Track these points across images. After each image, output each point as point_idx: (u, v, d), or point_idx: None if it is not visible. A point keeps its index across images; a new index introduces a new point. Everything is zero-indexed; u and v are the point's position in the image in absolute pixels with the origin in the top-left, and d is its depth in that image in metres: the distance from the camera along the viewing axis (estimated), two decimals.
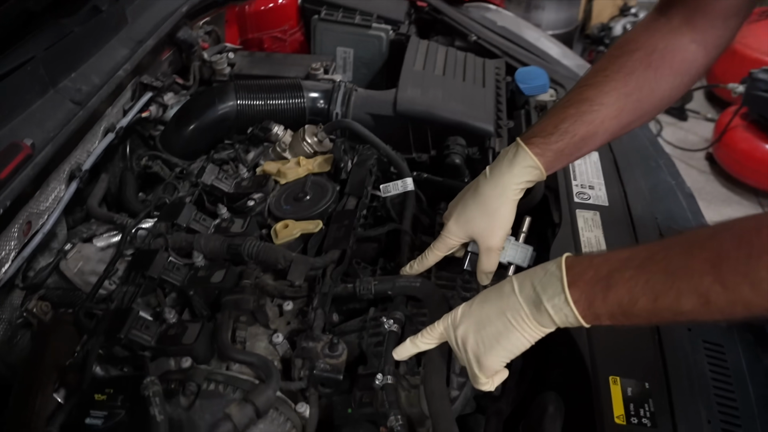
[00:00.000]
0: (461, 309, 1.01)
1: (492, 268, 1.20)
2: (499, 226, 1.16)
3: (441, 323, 1.03)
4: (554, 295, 0.88)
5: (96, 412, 1.03)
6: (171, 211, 1.36)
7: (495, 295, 0.97)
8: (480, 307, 0.98)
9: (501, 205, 1.15)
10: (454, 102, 1.71)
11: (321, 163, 1.51)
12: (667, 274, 0.79)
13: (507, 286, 0.96)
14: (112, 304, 1.19)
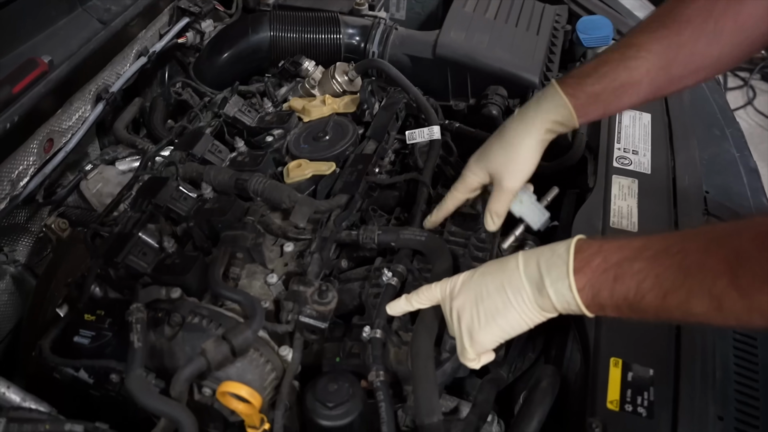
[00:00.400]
0: (462, 278, 0.95)
1: (500, 210, 1.13)
2: (517, 164, 1.08)
3: (439, 287, 0.98)
4: (558, 279, 0.82)
5: (85, 332, 1.05)
6: (188, 141, 1.35)
7: (498, 268, 0.91)
8: (481, 279, 0.92)
9: (522, 140, 1.07)
10: (500, 49, 1.59)
11: (347, 103, 1.45)
12: (680, 271, 0.72)
13: (512, 261, 0.89)
14: (116, 228, 1.19)
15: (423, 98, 1.44)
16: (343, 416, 0.98)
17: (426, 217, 1.23)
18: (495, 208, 1.13)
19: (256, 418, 0.98)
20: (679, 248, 0.73)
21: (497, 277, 0.90)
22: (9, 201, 1.21)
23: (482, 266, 0.95)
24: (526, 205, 1.17)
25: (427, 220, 1.22)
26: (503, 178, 1.10)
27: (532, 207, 1.17)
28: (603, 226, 1.21)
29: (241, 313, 1.08)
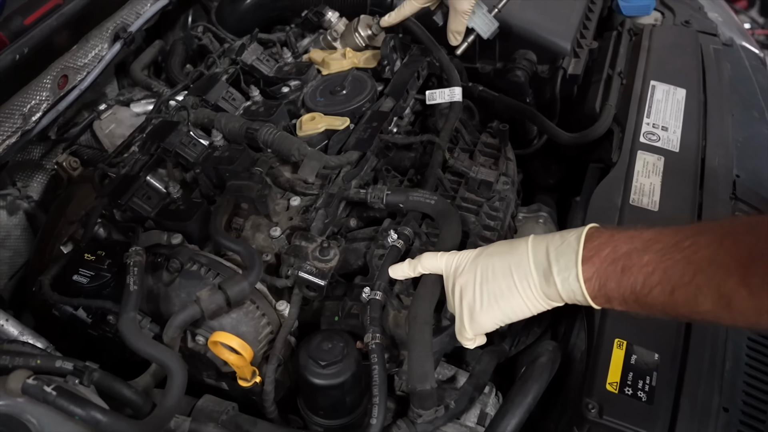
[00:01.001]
0: (469, 255, 0.92)
1: (458, 28, 1.35)
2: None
3: (445, 258, 0.96)
4: (566, 268, 0.79)
5: (84, 271, 1.04)
6: (202, 86, 1.32)
7: (507, 250, 0.88)
8: (488, 259, 0.89)
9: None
10: (533, 10, 1.51)
11: (368, 58, 1.40)
12: (689, 265, 0.68)
13: (521, 245, 0.87)
14: (123, 170, 1.18)
15: (447, 58, 1.38)
16: (334, 375, 0.97)
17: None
18: (453, 27, 1.35)
19: (248, 370, 0.97)
20: (690, 242, 0.69)
21: (505, 259, 0.87)
22: (21, 135, 1.20)
23: (491, 246, 0.92)
24: (478, 17, 1.39)
25: (382, 20, 1.41)
26: (457, 1, 1.29)
27: (483, 18, 1.40)
28: (622, 202, 1.16)
29: (241, 264, 1.06)
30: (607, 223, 1.12)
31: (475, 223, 1.18)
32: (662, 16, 1.70)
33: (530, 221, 1.27)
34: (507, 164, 1.30)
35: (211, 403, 1.01)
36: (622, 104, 1.39)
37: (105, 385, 0.91)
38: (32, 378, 0.77)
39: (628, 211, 1.14)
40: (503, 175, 1.26)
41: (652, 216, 1.13)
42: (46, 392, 0.76)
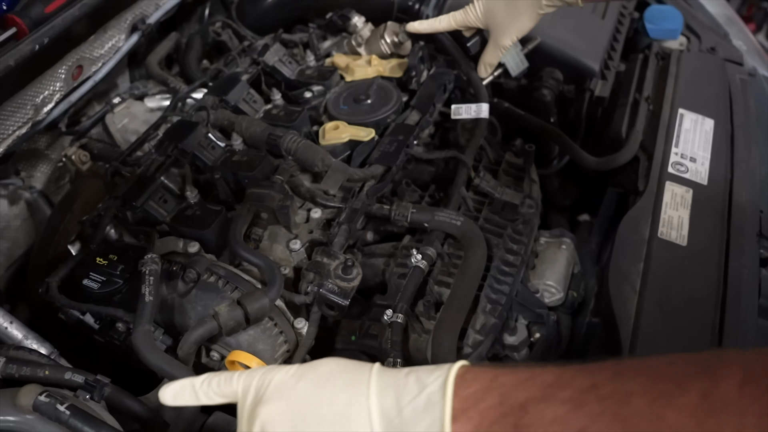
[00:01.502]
0: (280, 377, 0.63)
1: (492, 61, 1.31)
2: (515, 28, 1.23)
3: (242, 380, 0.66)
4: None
5: (95, 275, 0.99)
6: (222, 86, 1.27)
7: (342, 384, 0.61)
8: (316, 392, 0.61)
9: (527, 10, 1.20)
10: (562, 28, 1.48)
11: (394, 67, 1.36)
12: (619, 424, 0.49)
13: (363, 386, 0.60)
14: (138, 170, 1.13)
15: (474, 72, 1.35)
16: None
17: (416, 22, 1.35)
18: (488, 59, 1.31)
19: None
20: (613, 389, 0.50)
21: (336, 400, 0.60)
22: (30, 126, 1.15)
23: (316, 367, 0.64)
24: (510, 53, 1.38)
25: (409, 25, 1.36)
26: (500, 36, 1.25)
27: (516, 57, 1.40)
28: (650, 235, 1.13)
29: (258, 277, 1.02)
30: (635, 256, 1.11)
31: (498, 246, 1.15)
32: (688, 41, 1.68)
33: (553, 246, 1.24)
34: (531, 186, 1.27)
35: (222, 421, 0.96)
36: (648, 131, 1.37)
37: (116, 400, 0.87)
38: (45, 395, 0.73)
39: (656, 245, 1.11)
40: (528, 198, 1.22)
41: (680, 251, 1.11)
42: (59, 411, 0.72)
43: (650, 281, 1.06)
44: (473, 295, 1.03)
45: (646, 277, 1.06)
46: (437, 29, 1.32)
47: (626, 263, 1.10)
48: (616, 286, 1.06)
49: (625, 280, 1.07)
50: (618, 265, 1.10)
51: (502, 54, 1.29)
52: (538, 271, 1.21)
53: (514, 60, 1.40)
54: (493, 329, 1.05)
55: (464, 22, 1.28)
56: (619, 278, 1.08)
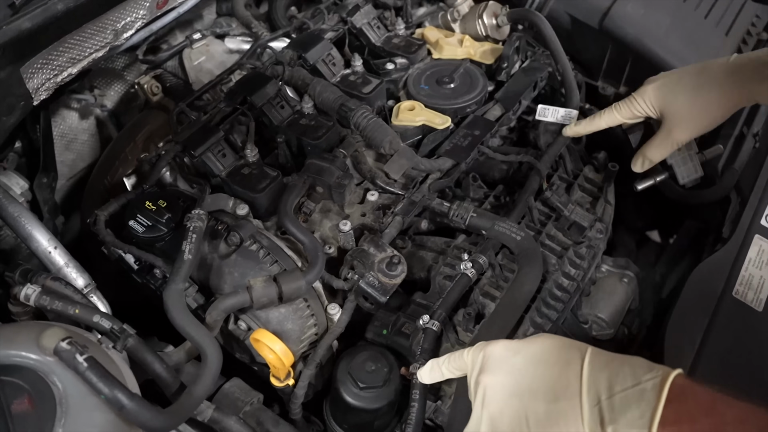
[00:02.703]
0: (501, 349, 0.73)
1: (656, 158, 1.05)
2: (699, 118, 0.95)
3: (470, 354, 0.77)
4: (632, 426, 0.60)
5: (141, 218, 0.99)
6: (304, 42, 1.22)
7: (554, 359, 0.69)
8: (528, 366, 0.70)
9: (720, 98, 0.92)
10: (678, 39, 1.35)
11: (486, 51, 1.27)
12: None
13: (575, 363, 0.67)
14: (204, 116, 1.11)
15: (571, 73, 1.25)
16: (371, 400, 0.91)
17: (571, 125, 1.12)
18: (651, 154, 1.03)
19: (283, 371, 0.91)
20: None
21: (550, 375, 0.68)
22: (108, 50, 1.13)
23: (533, 343, 0.72)
24: (683, 155, 1.11)
25: (567, 129, 1.12)
26: (676, 126, 0.97)
27: (687, 159, 1.12)
28: (724, 290, 1.04)
29: (302, 253, 0.99)
30: (702, 309, 1.02)
31: (555, 267, 1.08)
32: None
33: (614, 277, 1.16)
34: (605, 208, 1.18)
35: (238, 389, 0.96)
36: (748, 172, 1.24)
37: (138, 353, 0.86)
38: (67, 342, 0.72)
39: (727, 303, 1.02)
40: (598, 221, 1.14)
41: (754, 316, 1.01)
42: (77, 361, 0.71)
43: (711, 340, 0.98)
44: (518, 316, 0.97)
45: (708, 336, 0.98)
46: (600, 127, 1.08)
47: (691, 315, 1.02)
48: (673, 338, 0.99)
49: (686, 333, 0.99)
50: (681, 314, 1.02)
51: (667, 150, 1.03)
52: (592, 299, 1.14)
53: (686, 164, 1.14)
54: None
55: (633, 114, 1.03)
56: (678, 329, 1.00)
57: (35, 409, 0.72)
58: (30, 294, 0.87)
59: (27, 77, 1.01)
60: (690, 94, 0.94)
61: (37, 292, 0.87)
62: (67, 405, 0.73)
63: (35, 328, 0.77)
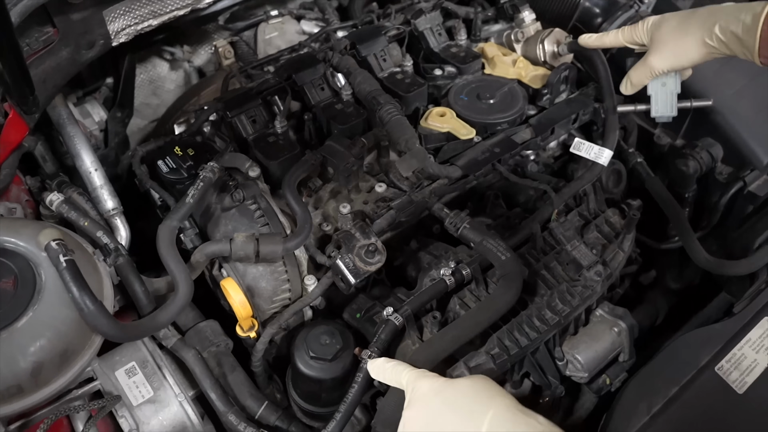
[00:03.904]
0: (425, 388, 0.79)
1: (638, 81, 1.13)
2: (674, 54, 1.06)
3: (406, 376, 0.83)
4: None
5: (169, 161, 1.10)
6: (362, 35, 1.29)
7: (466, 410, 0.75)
8: (443, 411, 0.76)
9: (695, 34, 1.01)
10: (748, 105, 1.29)
11: (537, 76, 1.28)
12: None
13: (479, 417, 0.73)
14: (250, 84, 1.21)
15: (615, 115, 1.23)
16: (317, 370, 0.97)
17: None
18: (634, 77, 1.13)
19: (246, 322, 0.99)
20: None
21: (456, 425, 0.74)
22: (189, 11, 1.25)
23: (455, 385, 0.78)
24: (664, 91, 1.16)
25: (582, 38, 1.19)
26: (654, 53, 1.08)
27: (666, 95, 1.16)
28: (706, 364, 0.99)
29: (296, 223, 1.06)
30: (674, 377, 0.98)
31: (542, 296, 1.08)
32: None
33: (604, 324, 1.13)
34: (615, 255, 1.15)
35: (211, 330, 1.05)
36: None
37: (123, 273, 0.97)
38: (57, 242, 0.84)
39: (706, 377, 0.97)
40: (602, 264, 1.12)
41: (730, 397, 0.96)
42: (59, 260, 0.83)
43: (672, 412, 0.94)
44: (478, 330, 0.98)
45: (670, 406, 0.94)
46: (605, 44, 1.17)
47: (660, 379, 0.98)
48: (630, 397, 0.96)
49: (646, 395, 0.96)
50: (649, 374, 0.98)
51: (651, 76, 1.11)
52: (575, 339, 1.12)
53: (662, 99, 1.17)
54: (485, 374, 1.00)
55: (632, 38, 1.12)
56: (640, 389, 0.97)
57: (16, 290, 0.84)
58: (54, 200, 1.01)
59: (109, 20, 1.15)
60: (673, 29, 1.04)
61: (59, 200, 1.01)
62: (43, 295, 0.85)
63: (38, 225, 0.90)
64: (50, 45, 1.07)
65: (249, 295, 1.00)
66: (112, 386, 0.96)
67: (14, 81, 0.91)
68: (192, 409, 0.97)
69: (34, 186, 1.13)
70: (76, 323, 0.85)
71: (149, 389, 0.97)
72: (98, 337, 0.89)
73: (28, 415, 0.91)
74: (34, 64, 1.04)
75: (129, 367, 0.98)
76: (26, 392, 0.82)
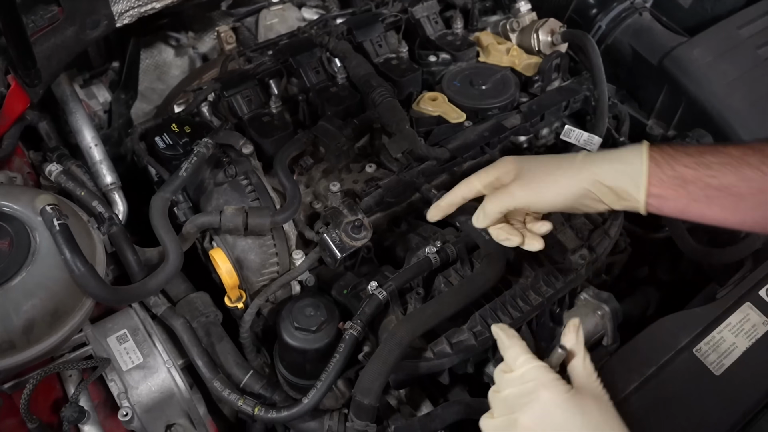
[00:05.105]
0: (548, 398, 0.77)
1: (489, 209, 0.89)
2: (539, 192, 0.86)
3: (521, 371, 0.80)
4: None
5: (165, 137, 1.13)
6: (359, 21, 1.32)
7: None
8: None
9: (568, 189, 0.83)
10: (741, 96, 1.30)
11: (530, 65, 1.30)
12: None
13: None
14: (248, 66, 1.24)
15: (606, 101, 1.24)
16: (300, 341, 0.99)
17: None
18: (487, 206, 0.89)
19: (234, 293, 1.02)
20: None
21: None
22: None
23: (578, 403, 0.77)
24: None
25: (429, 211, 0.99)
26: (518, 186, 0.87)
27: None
28: (684, 346, 1.00)
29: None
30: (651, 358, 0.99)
31: (527, 278, 1.10)
32: None
33: (588, 307, 1.15)
34: (601, 240, 1.17)
35: (201, 302, 1.08)
36: None
37: (116, 241, 1.01)
38: (51, 207, 0.87)
39: (683, 358, 0.99)
40: (587, 249, 1.13)
41: (706, 378, 0.97)
42: (53, 224, 0.86)
43: (647, 391, 0.95)
44: (459, 306, 1.00)
45: (645, 385, 0.96)
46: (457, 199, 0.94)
47: (637, 360, 0.99)
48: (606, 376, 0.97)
49: (623, 374, 0.97)
50: (627, 354, 1.00)
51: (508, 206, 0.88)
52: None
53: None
54: (467, 350, 1.02)
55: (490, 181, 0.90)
56: (616, 369, 0.98)
57: (11, 251, 0.88)
58: (52, 171, 1.04)
59: (113, 0, 1.18)
60: (541, 170, 0.86)
61: (58, 171, 1.04)
62: (37, 257, 0.88)
63: (35, 191, 0.93)
64: (55, 23, 1.11)
65: (238, 267, 1.03)
66: (103, 351, 0.99)
67: (17, 53, 0.95)
68: (180, 377, 1.00)
69: (36, 159, 1.17)
70: (68, 285, 0.89)
71: (139, 356, 1.00)
72: (89, 300, 0.92)
73: (21, 376, 0.94)
74: (40, 41, 1.08)
75: (120, 334, 1.02)
76: (18, 348, 0.85)
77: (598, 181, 0.81)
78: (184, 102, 1.29)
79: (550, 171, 0.86)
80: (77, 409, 0.91)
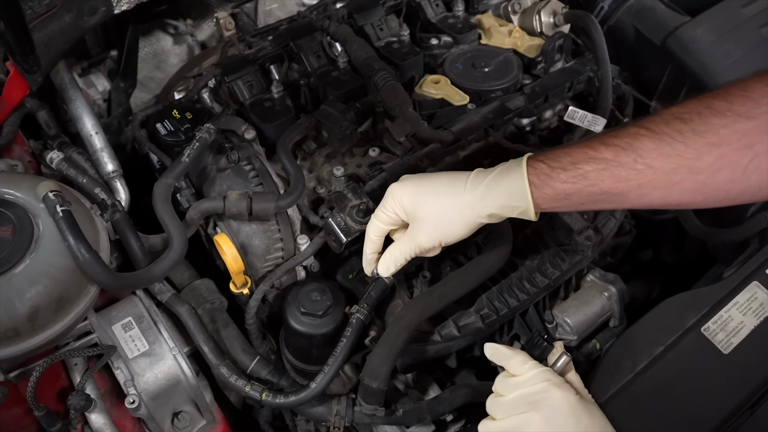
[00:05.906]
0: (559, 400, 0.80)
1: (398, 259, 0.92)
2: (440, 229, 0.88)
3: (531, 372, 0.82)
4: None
5: (167, 123, 1.12)
6: (359, 5, 1.31)
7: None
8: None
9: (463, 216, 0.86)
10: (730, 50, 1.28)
11: (532, 46, 1.29)
12: None
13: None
14: (248, 51, 1.23)
15: (609, 81, 1.23)
16: (307, 326, 0.98)
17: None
18: (394, 253, 0.92)
19: (239, 278, 1.02)
20: None
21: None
22: None
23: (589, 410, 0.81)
24: None
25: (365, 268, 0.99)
26: (420, 231, 0.89)
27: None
28: (692, 325, 1.00)
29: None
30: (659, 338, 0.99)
31: (533, 260, 1.09)
32: None
33: (594, 289, 1.14)
34: (607, 221, 1.16)
35: (206, 288, 1.07)
36: None
37: (120, 228, 1.00)
38: (54, 193, 0.86)
39: (691, 338, 0.98)
40: (593, 230, 1.13)
41: (714, 357, 0.97)
42: (56, 210, 0.85)
43: (656, 370, 0.95)
44: (466, 289, 0.99)
45: (653, 365, 0.95)
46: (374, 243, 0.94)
47: (645, 339, 0.99)
48: (614, 355, 0.97)
49: (631, 354, 0.97)
50: (634, 334, 0.99)
51: (416, 253, 0.91)
52: (566, 304, 1.13)
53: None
54: (474, 332, 1.02)
55: (388, 218, 0.91)
56: (625, 348, 0.98)
57: (14, 238, 0.87)
58: (54, 158, 1.03)
59: None
60: (434, 202, 0.87)
61: (59, 158, 1.03)
62: (41, 244, 0.87)
63: (37, 178, 0.92)
64: (53, 9, 1.09)
65: (242, 252, 1.02)
66: (108, 339, 0.98)
67: (15, 39, 0.94)
68: (186, 363, 1.00)
69: (36, 148, 1.16)
70: (72, 271, 0.88)
71: (145, 343, 1.00)
72: (94, 287, 0.92)
73: (26, 365, 0.94)
74: (38, 28, 1.07)
75: (125, 321, 1.01)
76: (23, 336, 0.85)
77: (493, 213, 0.85)
78: (185, 89, 1.28)
79: (447, 206, 0.87)
80: (84, 397, 0.91)
